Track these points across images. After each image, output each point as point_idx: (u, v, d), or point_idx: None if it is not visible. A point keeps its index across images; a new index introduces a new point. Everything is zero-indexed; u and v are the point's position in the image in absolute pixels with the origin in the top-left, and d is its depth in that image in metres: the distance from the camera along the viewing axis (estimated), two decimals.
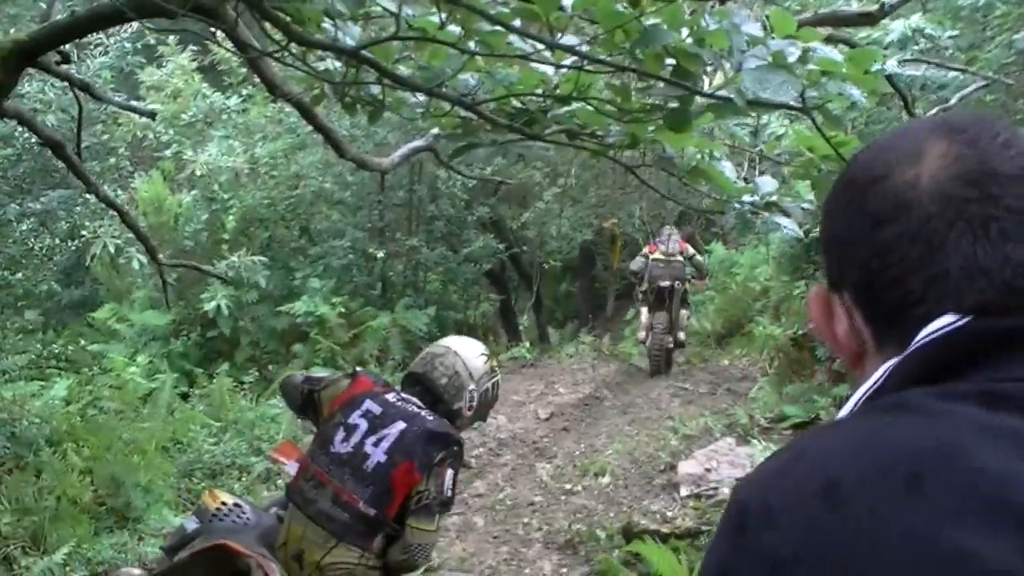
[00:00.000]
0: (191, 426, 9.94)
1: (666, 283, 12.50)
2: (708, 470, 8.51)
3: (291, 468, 4.29)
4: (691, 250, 12.96)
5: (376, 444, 3.73)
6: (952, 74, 7.30)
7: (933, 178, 0.94)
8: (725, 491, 7.86)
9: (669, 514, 8.00)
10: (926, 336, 0.91)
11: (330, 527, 3.71)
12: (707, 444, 9.31)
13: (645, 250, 13.41)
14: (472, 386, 4.10)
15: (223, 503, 4.00)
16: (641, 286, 12.84)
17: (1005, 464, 0.77)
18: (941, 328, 0.91)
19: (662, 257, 12.68)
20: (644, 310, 12.85)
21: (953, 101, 5.97)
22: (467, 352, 4.20)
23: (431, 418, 3.85)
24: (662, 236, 13.09)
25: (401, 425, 3.77)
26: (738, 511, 0.87)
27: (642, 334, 13.03)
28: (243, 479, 9.22)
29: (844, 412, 0.97)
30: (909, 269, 0.94)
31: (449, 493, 3.78)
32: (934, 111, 5.95)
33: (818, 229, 1.11)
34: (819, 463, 0.84)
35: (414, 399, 3.95)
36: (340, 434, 3.81)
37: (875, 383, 0.94)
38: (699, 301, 16.14)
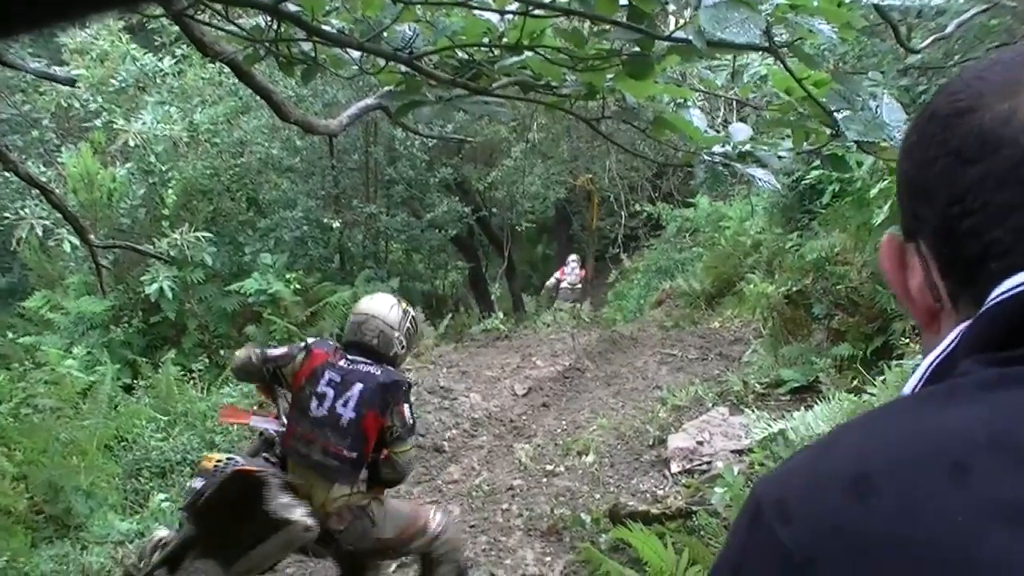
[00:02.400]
0: (136, 421, 9.87)
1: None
2: (700, 443, 8.53)
3: (256, 423, 5.44)
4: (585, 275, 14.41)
5: (344, 404, 5.00)
6: None
7: None
8: (719, 465, 7.87)
9: (659, 493, 8.02)
10: (1000, 294, 0.86)
11: (325, 473, 5.01)
12: (698, 415, 9.33)
13: (557, 274, 17.29)
14: (397, 334, 5.29)
15: (218, 460, 4.95)
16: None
17: None
18: (1017, 286, 0.86)
19: (568, 285, 15.08)
20: None
21: (951, 28, 5.93)
22: (381, 310, 5.33)
23: (378, 372, 5.08)
24: (568, 265, 16.09)
25: (359, 385, 5.03)
26: (752, 505, 0.84)
27: None
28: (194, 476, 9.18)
29: (909, 385, 0.93)
30: (994, 217, 0.88)
31: (411, 421, 5.10)
32: (930, 40, 5.92)
33: (891, 168, 1.06)
34: (851, 453, 0.81)
35: (360, 359, 5.16)
36: (314, 402, 5.04)
37: (944, 350, 0.90)
38: (686, 260, 16.19)
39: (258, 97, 5.45)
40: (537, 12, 2.71)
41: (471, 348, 14.30)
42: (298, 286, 14.47)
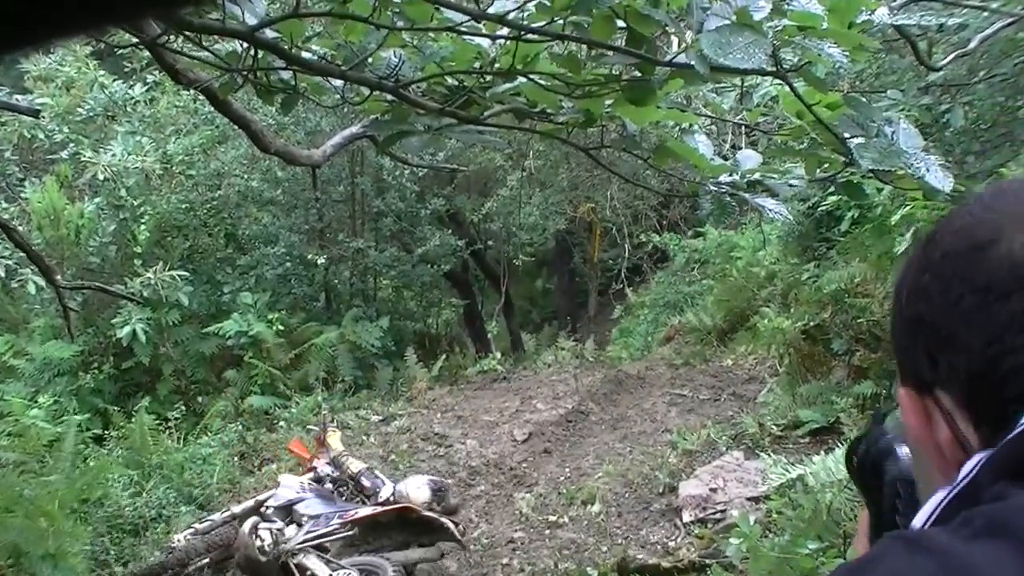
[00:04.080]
0: (107, 475, 9.83)
1: None
2: (714, 490, 8.52)
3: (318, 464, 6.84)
4: None
5: None
6: (976, 12, 7.32)
7: None
8: (734, 514, 7.86)
9: (671, 544, 8.00)
10: None
11: None
12: (711, 460, 9.32)
13: None
14: None
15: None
16: None
17: None
18: None
19: None
20: None
21: (973, 44, 5.97)
22: None
23: None
24: None
25: None
26: None
27: None
28: (171, 532, 9.14)
29: (923, 515, 0.92)
30: None
31: None
32: (952, 56, 5.96)
33: (895, 313, 1.05)
34: None
35: None
36: None
37: (964, 478, 0.89)
38: (696, 293, 16.19)
39: (236, 126, 5.47)
40: (530, 36, 2.73)
41: (467, 391, 14.28)
42: (281, 327, 14.47)
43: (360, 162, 15.93)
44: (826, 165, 3.02)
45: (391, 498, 8.07)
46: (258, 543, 7.81)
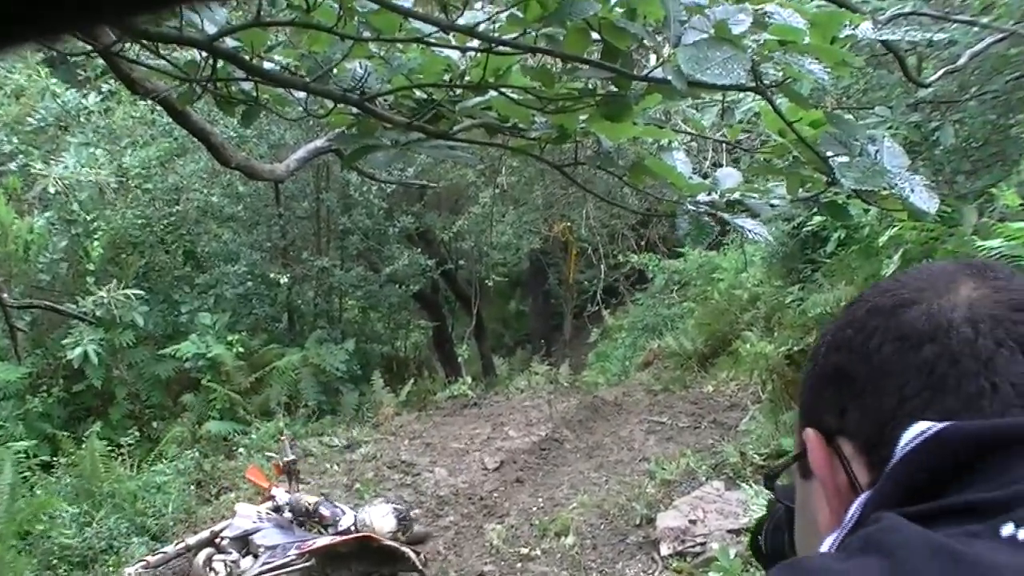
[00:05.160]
0: (55, 506, 9.76)
1: None
2: (693, 522, 8.53)
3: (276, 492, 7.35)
4: None
5: None
6: (966, 27, 7.38)
7: (974, 303, 1.01)
8: (714, 547, 7.88)
9: None
10: (905, 445, 0.95)
11: None
12: (691, 490, 9.34)
13: None
14: None
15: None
16: None
17: None
18: (920, 433, 0.94)
19: None
20: None
21: (964, 60, 6.04)
22: None
23: None
24: None
25: None
26: None
27: None
28: (122, 565, 9.07)
29: None
30: (947, 387, 0.97)
31: None
32: (941, 72, 6.01)
33: (812, 364, 1.14)
34: None
35: None
36: None
37: (851, 518, 0.96)
38: (675, 316, 16.23)
39: (195, 139, 5.46)
40: (501, 48, 2.74)
41: (436, 417, 14.27)
42: (241, 349, 14.42)
43: (326, 177, 15.93)
44: (808, 184, 3.04)
45: (352, 527, 8.05)
46: None
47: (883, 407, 1.00)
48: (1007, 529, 0.83)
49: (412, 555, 7.88)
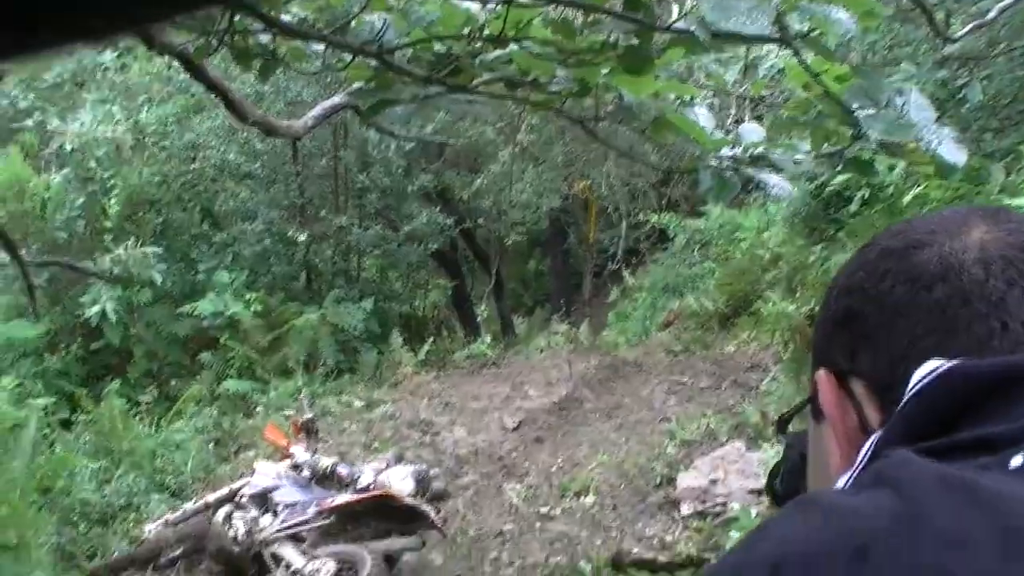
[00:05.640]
0: (75, 463, 9.82)
1: None
2: (713, 482, 8.54)
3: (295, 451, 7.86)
4: None
5: None
6: None
7: (985, 244, 1.01)
8: (735, 507, 7.89)
9: (668, 538, 8.02)
10: (916, 383, 0.95)
11: None
12: (711, 450, 9.34)
13: None
14: None
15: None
16: None
17: (959, 527, 0.80)
18: (931, 371, 0.94)
19: None
20: None
21: (993, 14, 5.96)
22: None
23: None
24: None
25: None
26: None
27: None
28: (141, 522, 9.13)
29: None
30: (958, 327, 0.98)
31: None
32: (970, 27, 5.95)
33: (827, 308, 1.15)
34: (774, 544, 0.86)
35: None
36: None
37: (862, 459, 0.97)
38: (696, 276, 16.19)
39: (212, 95, 5.45)
40: (522, 1, 2.73)
41: (455, 376, 14.30)
42: (259, 307, 14.45)
43: (344, 135, 15.88)
44: (834, 139, 3.02)
45: (371, 486, 8.09)
46: (231, 533, 7.84)
47: (894, 347, 1.01)
48: (1016, 460, 0.84)
49: (431, 514, 7.91)
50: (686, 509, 8.37)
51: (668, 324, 15.80)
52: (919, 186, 8.40)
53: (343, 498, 8.05)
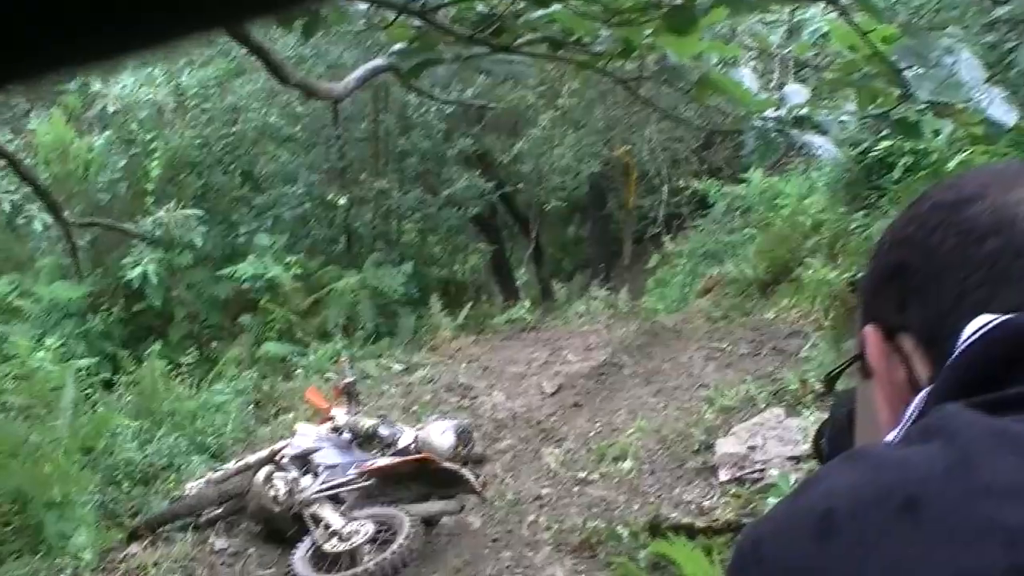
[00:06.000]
0: (117, 422, 9.89)
1: None
2: (752, 448, 8.52)
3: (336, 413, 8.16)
4: None
5: None
6: None
7: None
8: (773, 473, 7.87)
9: (706, 504, 8.02)
10: (966, 339, 0.93)
11: None
12: (750, 417, 9.31)
13: None
14: None
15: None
16: None
17: (1012, 479, 0.80)
18: (982, 327, 0.93)
19: None
20: None
21: None
22: None
23: None
24: None
25: None
26: (737, 546, 0.91)
27: None
28: (182, 482, 9.21)
29: None
30: (1010, 281, 0.97)
31: None
32: None
33: (874, 263, 1.15)
34: (823, 494, 0.87)
35: None
36: None
37: (911, 415, 0.96)
38: (737, 243, 16.11)
39: (253, 57, 5.45)
40: None
41: (493, 341, 14.32)
42: (299, 271, 14.51)
43: (384, 98, 15.88)
44: (880, 101, 2.99)
45: (412, 445, 8.14)
46: (272, 493, 7.91)
47: (944, 301, 1.00)
48: None
49: (471, 478, 7.94)
50: (724, 475, 8.36)
51: (707, 290, 15.74)
52: (964, 152, 8.31)
53: (383, 461, 8.10)
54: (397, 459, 8.03)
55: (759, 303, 13.91)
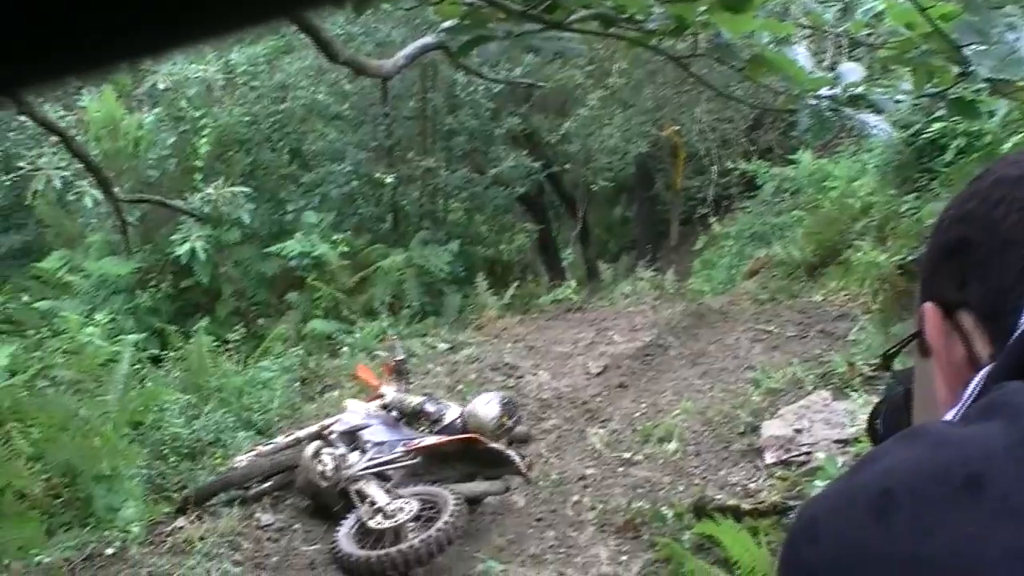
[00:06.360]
0: (164, 397, 9.96)
1: None
2: (798, 431, 8.48)
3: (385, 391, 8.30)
4: None
5: None
6: None
7: None
8: (820, 456, 7.84)
9: (751, 486, 8.01)
10: None
11: None
12: (796, 399, 9.26)
13: None
14: None
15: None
16: None
17: None
18: None
19: None
20: None
21: None
22: None
23: None
24: None
25: None
26: (792, 525, 0.90)
27: None
28: (229, 457, 9.27)
29: None
30: None
31: None
32: None
33: (933, 239, 1.12)
34: (881, 472, 0.86)
35: None
36: None
37: (971, 392, 0.94)
38: (785, 224, 16.03)
39: (302, 35, 5.46)
40: None
41: (539, 321, 14.32)
42: (346, 248, 14.54)
43: (432, 76, 15.87)
44: (937, 79, 2.96)
45: (458, 421, 8.18)
46: (319, 468, 7.96)
47: (1006, 277, 0.98)
48: None
49: (517, 459, 7.97)
50: (770, 458, 8.33)
51: (754, 272, 15.67)
52: (1019, 134, 8.21)
53: (430, 439, 8.14)
54: (444, 438, 8.07)
55: (807, 285, 13.83)
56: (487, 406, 8.14)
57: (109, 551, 7.49)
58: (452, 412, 8.38)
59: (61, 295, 13.07)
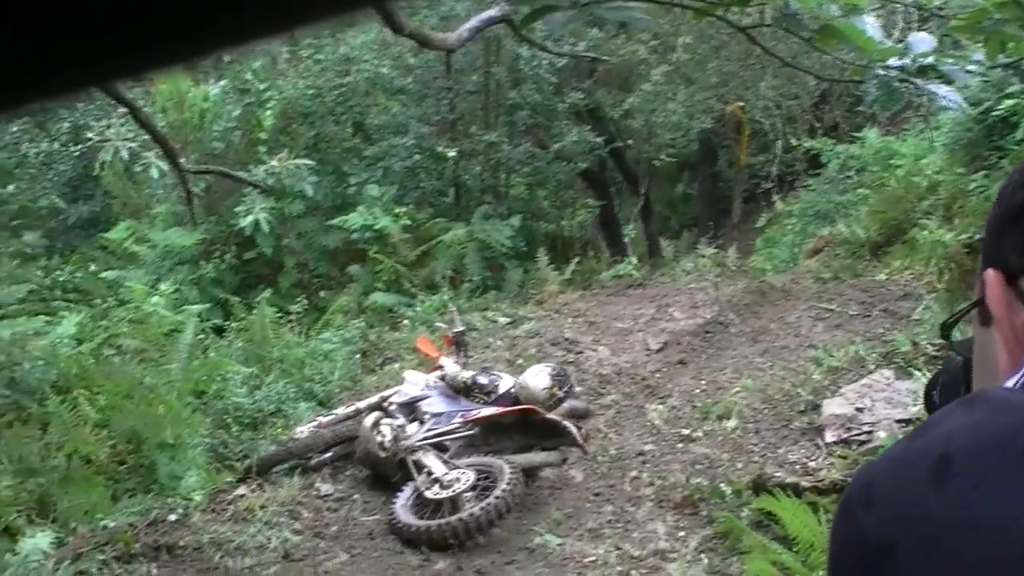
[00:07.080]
0: (228, 368, 10.05)
1: None
2: (860, 410, 8.42)
3: (445, 363, 8.55)
4: None
5: None
6: None
7: None
8: (881, 435, 7.78)
9: (811, 464, 7.97)
10: None
11: None
12: (858, 378, 9.20)
13: None
14: None
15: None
16: None
17: None
18: None
19: None
20: None
21: None
22: None
23: None
24: None
25: None
26: (846, 490, 0.91)
27: None
28: (290, 427, 9.33)
29: None
30: None
31: None
32: None
33: (995, 207, 1.12)
34: (940, 437, 0.85)
35: None
36: None
37: None
38: (849, 203, 15.88)
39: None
40: None
41: (600, 296, 14.28)
42: (408, 222, 14.56)
43: (496, 50, 15.83)
44: (1010, 49, 2.90)
45: (512, 391, 8.20)
46: (378, 438, 8.01)
47: None
48: None
49: (574, 430, 7.97)
50: (830, 436, 8.28)
51: (817, 251, 15.55)
52: None
53: (487, 410, 8.16)
54: (501, 409, 8.09)
55: (870, 264, 13.72)
56: (537, 377, 8.17)
57: (172, 517, 7.57)
58: (505, 383, 8.40)
59: (127, 265, 13.21)
